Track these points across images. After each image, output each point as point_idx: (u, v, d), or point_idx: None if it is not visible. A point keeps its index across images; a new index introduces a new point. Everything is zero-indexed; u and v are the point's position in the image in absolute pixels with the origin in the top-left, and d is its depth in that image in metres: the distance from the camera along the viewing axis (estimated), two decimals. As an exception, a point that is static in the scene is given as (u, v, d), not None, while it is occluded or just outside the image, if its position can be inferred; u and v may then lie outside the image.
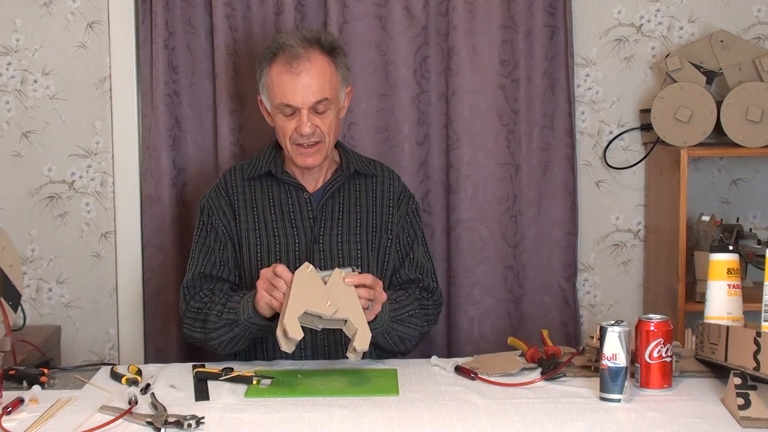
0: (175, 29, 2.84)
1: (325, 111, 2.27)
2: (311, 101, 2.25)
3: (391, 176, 2.45)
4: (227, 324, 2.18)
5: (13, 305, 2.22)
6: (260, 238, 2.33)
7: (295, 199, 2.35)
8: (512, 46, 2.84)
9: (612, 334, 1.88)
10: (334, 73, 2.29)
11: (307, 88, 2.24)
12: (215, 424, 1.79)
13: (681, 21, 2.93)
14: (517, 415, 1.83)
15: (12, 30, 2.91)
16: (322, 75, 2.26)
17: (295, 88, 2.24)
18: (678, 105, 2.74)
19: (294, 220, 2.34)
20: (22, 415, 1.83)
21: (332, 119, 2.29)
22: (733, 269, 2.08)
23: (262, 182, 2.37)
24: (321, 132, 2.27)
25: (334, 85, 2.29)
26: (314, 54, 2.26)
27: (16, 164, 2.94)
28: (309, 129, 2.25)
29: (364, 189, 2.40)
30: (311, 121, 2.25)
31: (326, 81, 2.26)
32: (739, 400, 1.77)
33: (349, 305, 2.01)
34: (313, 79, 2.24)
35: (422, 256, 2.41)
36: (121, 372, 2.06)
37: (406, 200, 2.43)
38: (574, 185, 2.90)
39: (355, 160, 2.41)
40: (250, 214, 2.35)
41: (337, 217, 2.35)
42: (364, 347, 1.97)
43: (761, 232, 2.84)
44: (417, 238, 2.42)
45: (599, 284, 3.01)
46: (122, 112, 2.92)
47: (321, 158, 2.31)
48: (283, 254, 2.32)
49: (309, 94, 2.24)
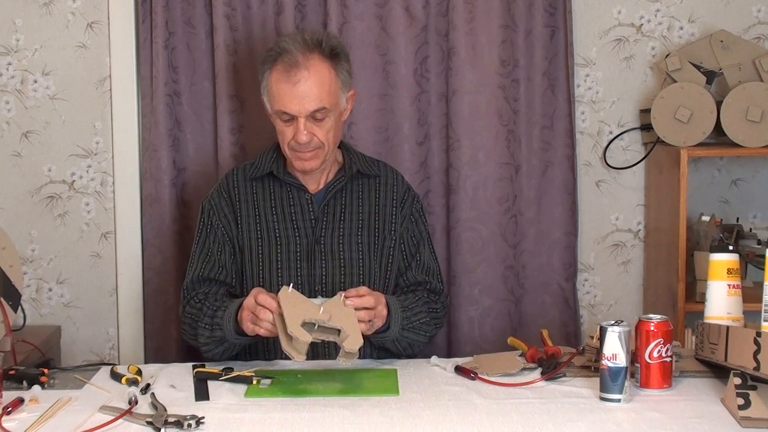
0: (175, 29, 2.84)
1: (324, 118, 2.25)
2: (308, 110, 2.23)
3: (395, 176, 2.44)
4: (215, 340, 2.20)
5: (13, 305, 2.22)
6: (262, 239, 2.33)
7: (297, 200, 2.35)
8: (512, 46, 2.84)
9: (612, 334, 1.88)
10: (333, 80, 2.26)
11: (305, 97, 2.22)
12: (215, 424, 1.79)
13: (681, 21, 2.93)
14: (517, 415, 1.83)
15: (12, 30, 2.91)
16: (321, 83, 2.23)
17: (292, 97, 2.23)
18: (678, 105, 2.74)
19: (295, 221, 2.33)
20: (22, 415, 1.83)
21: (331, 126, 2.27)
22: (733, 269, 2.08)
23: (264, 183, 2.37)
24: (318, 139, 2.26)
25: (333, 92, 2.26)
26: (313, 61, 2.23)
27: (16, 164, 2.94)
28: (306, 138, 2.24)
29: (367, 190, 2.39)
30: (308, 129, 2.24)
31: (324, 89, 2.24)
32: (739, 400, 1.77)
33: (343, 315, 2.00)
34: (310, 88, 2.22)
35: (429, 258, 2.40)
36: (121, 372, 2.06)
37: (411, 200, 2.42)
38: (574, 185, 2.90)
39: (358, 160, 2.40)
40: (252, 215, 2.35)
41: (339, 218, 2.35)
42: (353, 348, 1.95)
43: (761, 232, 2.85)
44: (423, 239, 2.41)
45: (599, 284, 3.01)
46: (122, 112, 2.92)
47: (319, 163, 2.30)
48: (284, 255, 2.32)
49: (306, 103, 2.22)
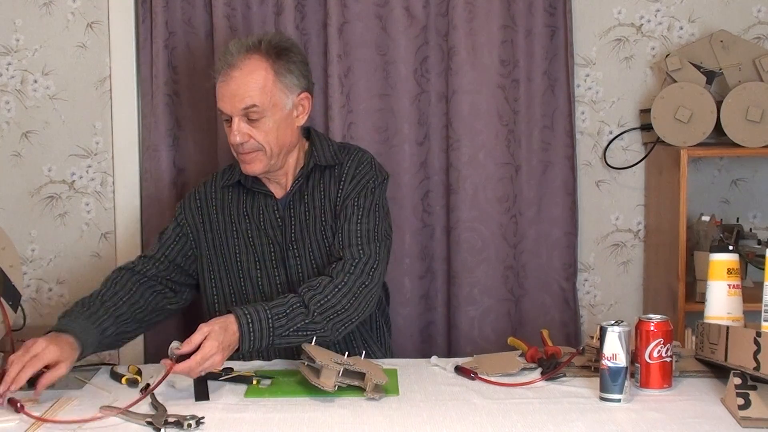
0: (175, 29, 2.84)
1: (260, 119, 2.21)
2: (238, 108, 2.21)
3: (353, 159, 2.32)
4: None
5: (13, 305, 2.22)
6: (239, 246, 2.33)
7: (264, 207, 2.33)
8: (512, 46, 2.84)
9: (612, 334, 1.88)
10: (270, 80, 2.22)
11: (234, 96, 2.21)
12: (215, 424, 1.79)
13: (681, 21, 2.93)
14: (517, 415, 1.83)
15: (12, 30, 2.91)
16: (251, 82, 2.20)
17: (223, 95, 2.22)
18: (678, 105, 2.74)
19: (266, 229, 2.32)
20: (22, 415, 1.83)
21: (271, 128, 2.23)
22: (733, 269, 2.08)
23: (238, 190, 2.37)
24: (256, 141, 2.23)
25: (268, 92, 2.22)
26: (249, 61, 2.22)
27: (16, 164, 2.94)
28: (239, 138, 2.22)
29: (328, 181, 2.32)
30: (243, 130, 2.21)
31: (256, 88, 2.21)
32: (739, 400, 1.77)
33: (365, 362, 2.00)
34: (240, 86, 2.20)
35: (354, 226, 2.24)
36: (121, 372, 2.07)
37: (360, 177, 2.30)
38: (574, 185, 2.90)
39: (321, 152, 2.33)
40: (228, 222, 2.34)
41: (304, 218, 2.31)
42: (380, 381, 1.93)
43: (761, 232, 2.85)
44: (357, 212, 2.26)
45: (599, 284, 3.01)
46: (122, 112, 2.92)
47: (262, 166, 2.26)
48: (261, 263, 2.32)
49: (236, 101, 2.21)
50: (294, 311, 2.08)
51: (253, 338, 2.02)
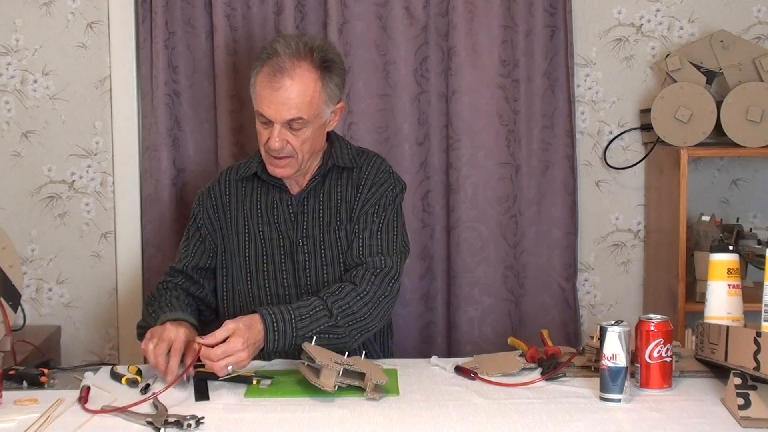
0: (175, 29, 2.84)
1: (301, 129, 2.21)
2: (285, 118, 2.19)
3: (372, 165, 2.33)
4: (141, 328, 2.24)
5: (13, 305, 2.22)
6: (249, 240, 2.33)
7: (278, 201, 2.33)
8: (512, 46, 2.85)
9: (612, 334, 1.88)
10: (318, 92, 2.21)
11: (283, 104, 2.18)
12: (215, 424, 1.79)
13: (681, 21, 2.93)
14: (517, 415, 1.83)
15: (12, 30, 2.91)
16: (303, 94, 2.18)
17: (270, 102, 2.19)
18: (678, 105, 2.74)
19: (278, 222, 2.32)
20: (22, 415, 1.83)
21: (308, 137, 2.22)
22: (733, 269, 2.08)
23: (253, 183, 2.36)
24: (291, 148, 2.22)
25: (315, 105, 2.20)
26: (300, 70, 2.19)
27: (16, 164, 2.94)
28: (278, 144, 2.20)
29: (345, 182, 2.32)
30: (283, 137, 2.20)
31: (305, 101, 2.19)
32: (739, 400, 1.77)
33: (365, 362, 1.99)
34: (291, 97, 2.18)
35: (375, 236, 2.26)
36: (121, 372, 2.06)
37: (379, 185, 2.30)
38: (574, 185, 2.90)
39: (340, 154, 2.33)
40: (240, 216, 2.34)
41: (318, 216, 2.31)
42: (380, 381, 1.93)
43: (761, 232, 2.85)
44: (381, 221, 2.27)
45: (599, 284, 3.02)
46: (122, 112, 2.93)
47: (291, 171, 2.26)
48: (269, 256, 2.31)
49: (284, 111, 2.18)
50: (317, 313, 2.10)
51: (277, 337, 2.05)
